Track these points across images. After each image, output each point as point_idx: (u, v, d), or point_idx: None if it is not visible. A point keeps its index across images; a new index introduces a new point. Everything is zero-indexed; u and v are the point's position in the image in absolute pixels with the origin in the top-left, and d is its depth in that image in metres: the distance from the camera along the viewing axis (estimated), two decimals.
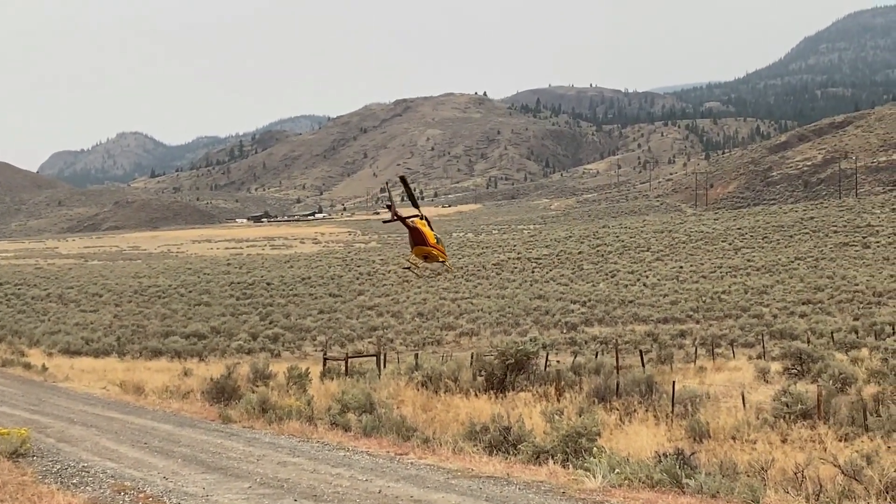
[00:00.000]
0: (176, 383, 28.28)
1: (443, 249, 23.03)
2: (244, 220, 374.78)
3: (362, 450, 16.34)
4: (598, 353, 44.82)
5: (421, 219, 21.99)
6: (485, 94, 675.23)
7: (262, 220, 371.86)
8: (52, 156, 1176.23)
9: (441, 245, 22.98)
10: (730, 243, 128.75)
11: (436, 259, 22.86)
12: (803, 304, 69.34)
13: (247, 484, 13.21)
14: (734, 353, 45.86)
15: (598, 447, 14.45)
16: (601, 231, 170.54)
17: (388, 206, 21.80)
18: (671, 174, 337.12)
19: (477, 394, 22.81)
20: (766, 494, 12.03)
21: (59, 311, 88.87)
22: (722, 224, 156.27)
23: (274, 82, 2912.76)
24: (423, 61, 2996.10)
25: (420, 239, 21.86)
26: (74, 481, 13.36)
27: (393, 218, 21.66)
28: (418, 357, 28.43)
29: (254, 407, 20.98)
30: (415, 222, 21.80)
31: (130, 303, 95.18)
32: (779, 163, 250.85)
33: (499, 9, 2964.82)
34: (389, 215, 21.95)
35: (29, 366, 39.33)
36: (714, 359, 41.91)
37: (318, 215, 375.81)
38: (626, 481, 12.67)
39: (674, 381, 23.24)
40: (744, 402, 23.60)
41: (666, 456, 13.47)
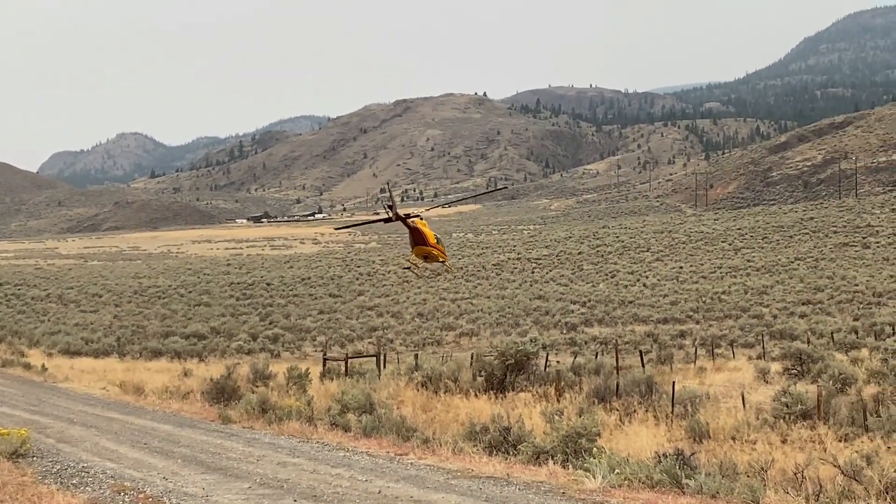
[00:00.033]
0: (176, 384, 28.26)
1: (443, 249, 23.08)
2: (244, 221, 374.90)
3: (362, 450, 16.34)
4: (597, 354, 44.84)
5: (421, 219, 22.03)
6: (485, 94, 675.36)
7: (262, 220, 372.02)
8: (52, 156, 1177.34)
9: (441, 245, 23.03)
10: (730, 244, 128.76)
11: (436, 259, 22.92)
12: (803, 304, 69.37)
13: (246, 484, 13.22)
14: (734, 353, 45.88)
15: (598, 447, 14.45)
16: (601, 231, 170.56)
17: (390, 206, 21.84)
18: (671, 174, 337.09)
19: (477, 394, 22.80)
20: (766, 495, 12.02)
21: (59, 311, 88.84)
22: (722, 224, 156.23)
23: (274, 82, 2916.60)
24: (423, 61, 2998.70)
25: (420, 239, 21.91)
26: (74, 482, 13.38)
27: (388, 218, 21.69)
28: (418, 357, 28.39)
29: (254, 407, 20.98)
30: (415, 222, 21.85)
31: (130, 303, 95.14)
32: (779, 163, 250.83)
33: (499, 9, 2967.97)
34: (385, 216, 21.99)
35: (29, 366, 39.35)
36: (714, 359, 41.91)
37: (317, 216, 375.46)
38: (626, 482, 12.67)
39: (674, 382, 23.21)
40: (744, 402, 23.59)
41: (666, 456, 13.47)
